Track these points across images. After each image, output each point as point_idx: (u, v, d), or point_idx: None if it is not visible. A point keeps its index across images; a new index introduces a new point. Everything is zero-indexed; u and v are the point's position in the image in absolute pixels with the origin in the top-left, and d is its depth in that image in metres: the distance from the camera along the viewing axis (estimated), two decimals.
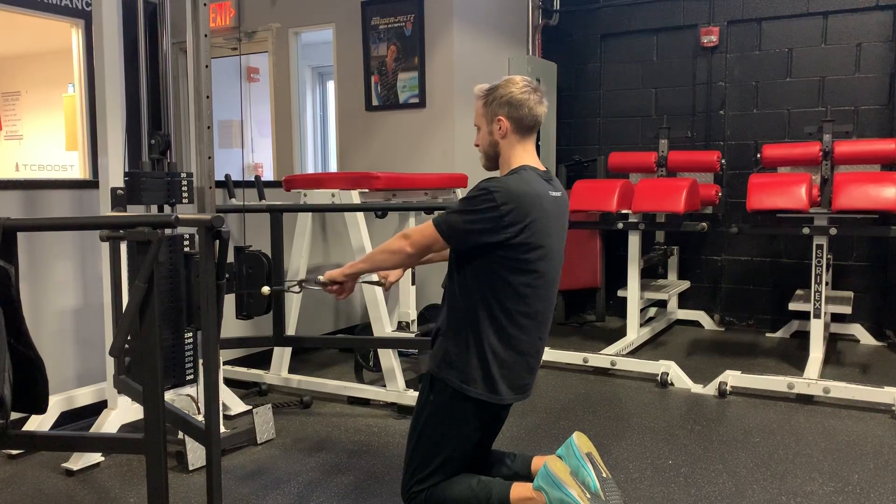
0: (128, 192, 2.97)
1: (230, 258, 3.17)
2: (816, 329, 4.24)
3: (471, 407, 2.17)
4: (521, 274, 2.13)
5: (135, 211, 3.19)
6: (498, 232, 2.08)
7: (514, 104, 2.20)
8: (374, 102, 5.27)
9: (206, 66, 2.94)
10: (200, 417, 2.81)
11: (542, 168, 2.25)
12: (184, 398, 3.22)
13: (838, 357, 4.69)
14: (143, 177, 3.03)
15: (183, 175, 3.14)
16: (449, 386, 2.17)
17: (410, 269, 3.94)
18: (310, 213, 4.01)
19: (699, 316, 5.64)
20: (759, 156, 4.62)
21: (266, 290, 2.63)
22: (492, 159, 2.29)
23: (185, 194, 3.14)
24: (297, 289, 2.63)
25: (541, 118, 2.25)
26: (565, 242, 2.32)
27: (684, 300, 5.72)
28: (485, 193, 2.09)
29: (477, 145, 2.31)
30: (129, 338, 2.43)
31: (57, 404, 3.17)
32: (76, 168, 6.22)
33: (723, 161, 5.17)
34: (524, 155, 2.24)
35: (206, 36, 2.94)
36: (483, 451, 2.39)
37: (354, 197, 3.74)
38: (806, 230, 4.13)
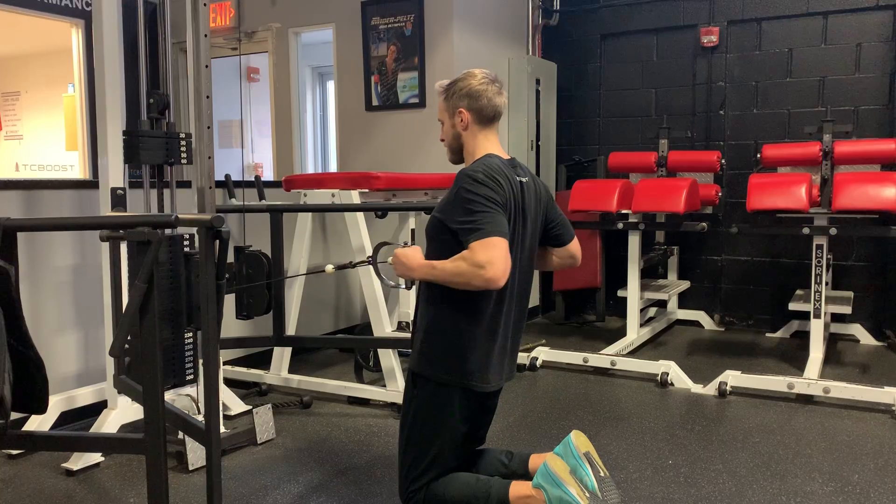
0: (126, 151, 2.96)
1: (230, 258, 3.17)
2: (816, 329, 4.24)
3: (455, 397, 2.18)
4: None
5: (134, 209, 3.20)
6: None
7: (474, 95, 2.24)
8: (374, 102, 5.27)
9: (206, 66, 2.94)
10: (200, 417, 2.81)
11: (507, 156, 2.27)
12: (184, 398, 3.22)
13: (838, 357, 4.69)
14: (141, 135, 3.01)
15: (182, 135, 3.11)
16: (431, 380, 2.18)
17: None
18: (310, 213, 4.01)
19: (699, 316, 5.64)
20: (759, 156, 4.62)
21: (330, 268, 2.58)
22: (456, 152, 2.32)
23: (183, 154, 3.13)
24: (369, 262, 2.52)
25: (500, 108, 2.28)
26: (539, 227, 2.33)
27: (684, 300, 5.72)
28: (473, 182, 2.09)
29: (442, 140, 2.34)
30: (129, 338, 2.43)
31: (57, 404, 3.17)
32: (76, 168, 6.23)
33: (723, 161, 5.17)
34: (487, 144, 2.27)
35: (206, 36, 2.94)
36: (477, 444, 2.39)
37: (354, 197, 3.74)
38: (806, 230, 4.13)
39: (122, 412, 3.05)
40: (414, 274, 2.19)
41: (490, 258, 1.99)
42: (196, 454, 2.89)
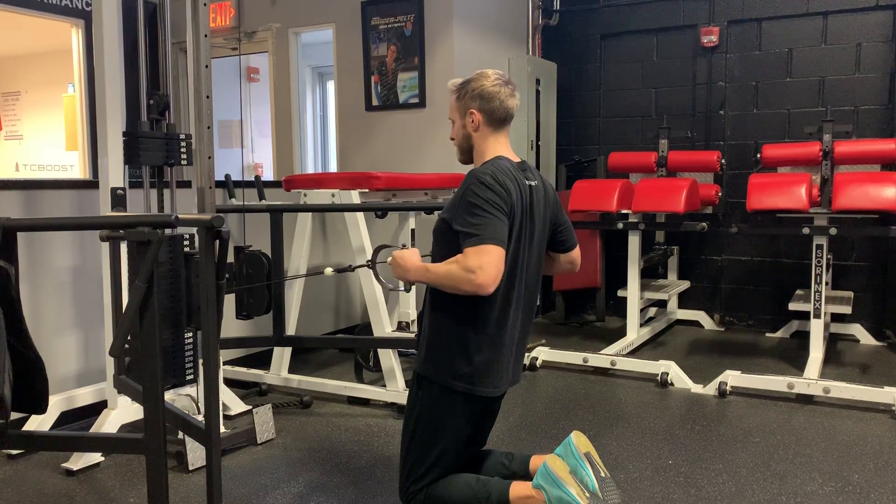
0: (126, 152, 2.96)
1: (230, 258, 3.17)
2: (816, 329, 4.24)
3: (459, 401, 2.18)
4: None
5: (134, 209, 3.20)
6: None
7: (486, 97, 2.22)
8: (374, 102, 5.27)
9: (206, 66, 2.94)
10: (200, 417, 2.81)
11: (517, 159, 2.26)
12: (184, 398, 3.22)
13: (838, 357, 4.69)
14: (141, 136, 3.01)
15: (182, 136, 3.11)
16: (436, 382, 2.18)
17: None
18: (310, 213, 4.01)
19: (699, 316, 5.64)
20: (759, 156, 4.62)
21: (329, 270, 2.58)
22: (466, 152, 2.31)
23: (183, 155, 3.13)
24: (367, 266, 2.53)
25: (512, 111, 2.27)
26: (548, 232, 2.32)
27: (684, 300, 5.72)
28: (479, 185, 2.08)
29: (452, 139, 2.33)
30: (129, 338, 2.43)
31: (57, 404, 3.17)
32: (76, 168, 6.23)
33: (723, 161, 5.17)
34: (497, 146, 2.26)
35: (206, 36, 2.94)
36: (479, 447, 2.39)
37: (354, 197, 3.74)
38: (806, 230, 4.13)
39: (122, 412, 3.05)
40: (409, 275, 2.20)
41: (481, 264, 2.00)
42: (196, 454, 2.89)
